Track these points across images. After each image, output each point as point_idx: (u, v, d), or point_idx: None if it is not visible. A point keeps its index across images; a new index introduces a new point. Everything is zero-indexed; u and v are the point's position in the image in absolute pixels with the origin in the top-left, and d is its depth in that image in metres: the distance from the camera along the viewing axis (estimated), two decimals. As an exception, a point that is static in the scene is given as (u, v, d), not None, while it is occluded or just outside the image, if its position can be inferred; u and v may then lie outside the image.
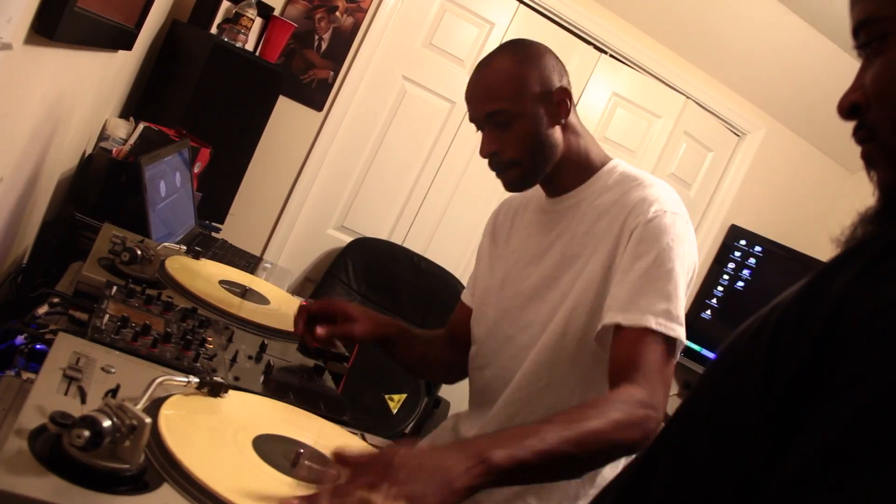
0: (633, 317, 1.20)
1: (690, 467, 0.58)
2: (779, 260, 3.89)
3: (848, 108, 0.66)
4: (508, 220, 1.54)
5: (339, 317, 1.39)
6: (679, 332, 1.20)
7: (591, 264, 1.31)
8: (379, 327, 1.44)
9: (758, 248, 3.97)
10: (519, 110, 1.31)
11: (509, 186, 1.39)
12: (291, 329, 1.41)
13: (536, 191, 1.47)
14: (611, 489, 0.65)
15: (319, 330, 1.35)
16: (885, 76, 0.63)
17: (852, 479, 0.46)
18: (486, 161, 1.37)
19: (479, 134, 1.36)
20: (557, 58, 1.38)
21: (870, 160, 0.66)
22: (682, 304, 1.23)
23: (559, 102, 1.34)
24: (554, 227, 1.41)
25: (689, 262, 1.27)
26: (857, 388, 0.48)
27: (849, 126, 0.67)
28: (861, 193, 0.66)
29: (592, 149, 1.41)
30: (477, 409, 1.46)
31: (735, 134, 4.01)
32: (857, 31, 0.66)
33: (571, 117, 1.37)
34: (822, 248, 3.72)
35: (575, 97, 1.46)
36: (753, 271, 3.96)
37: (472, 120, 1.37)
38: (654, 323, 1.18)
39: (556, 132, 1.35)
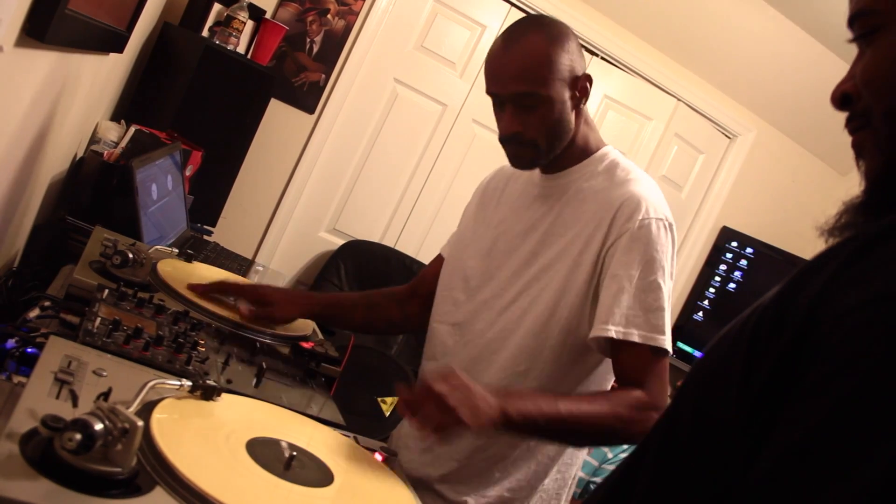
0: (624, 331, 1.28)
1: (674, 464, 0.59)
2: (770, 261, 3.90)
3: (840, 98, 0.67)
4: (500, 188, 1.56)
5: (258, 302, 1.42)
6: (663, 341, 1.30)
7: (574, 250, 1.36)
8: (302, 308, 1.49)
9: (749, 250, 3.98)
10: (548, 95, 1.32)
11: (520, 164, 1.42)
12: (284, 332, 1.40)
13: None
14: (606, 481, 0.66)
15: (242, 308, 1.39)
16: (872, 66, 0.64)
17: (820, 477, 0.46)
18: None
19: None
20: (577, 41, 1.39)
21: (860, 149, 0.66)
22: (667, 314, 1.32)
23: (582, 88, 1.36)
24: (543, 203, 1.44)
25: (671, 267, 1.35)
26: (826, 388, 0.48)
27: (839, 128, 0.68)
28: (851, 195, 0.67)
29: (592, 132, 1.44)
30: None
31: (726, 136, 4.02)
32: (851, 22, 0.66)
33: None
34: (813, 250, 3.73)
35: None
36: (745, 273, 3.97)
37: (492, 93, 1.36)
38: (639, 337, 1.28)
39: (574, 117, 1.38)
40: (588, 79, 1.37)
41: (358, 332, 1.73)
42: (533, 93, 1.32)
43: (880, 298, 0.49)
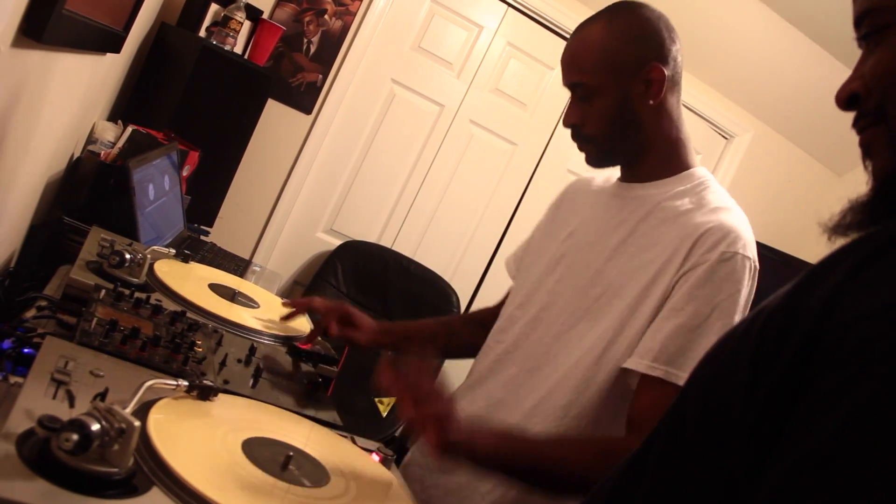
0: (678, 373, 1.10)
1: (676, 464, 0.58)
2: (767, 262, 3.87)
3: (846, 99, 0.66)
4: (572, 199, 1.45)
5: (344, 321, 1.44)
6: None
7: (643, 277, 1.19)
8: (382, 337, 1.48)
9: (746, 251, 3.98)
10: (600, 85, 1.23)
11: (588, 161, 1.32)
12: (280, 333, 1.41)
13: (605, 170, 1.38)
14: (604, 486, 0.65)
15: (333, 328, 1.39)
16: (886, 63, 0.63)
17: (843, 487, 0.46)
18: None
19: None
20: (663, 28, 1.27)
21: (868, 148, 0.65)
22: None
23: (650, 82, 1.23)
24: (616, 214, 1.30)
25: (745, 308, 1.17)
26: (842, 396, 0.48)
27: (836, 129, 0.68)
28: (848, 195, 0.66)
29: (684, 147, 1.30)
30: (480, 384, 1.37)
31: (723, 137, 4.03)
32: (858, 22, 0.66)
33: (670, 101, 1.26)
34: (811, 251, 3.74)
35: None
36: (742, 273, 3.97)
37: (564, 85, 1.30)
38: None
39: (645, 113, 1.24)
40: (657, 70, 1.22)
41: (441, 357, 1.67)
42: (582, 83, 1.24)
43: (893, 306, 0.49)
